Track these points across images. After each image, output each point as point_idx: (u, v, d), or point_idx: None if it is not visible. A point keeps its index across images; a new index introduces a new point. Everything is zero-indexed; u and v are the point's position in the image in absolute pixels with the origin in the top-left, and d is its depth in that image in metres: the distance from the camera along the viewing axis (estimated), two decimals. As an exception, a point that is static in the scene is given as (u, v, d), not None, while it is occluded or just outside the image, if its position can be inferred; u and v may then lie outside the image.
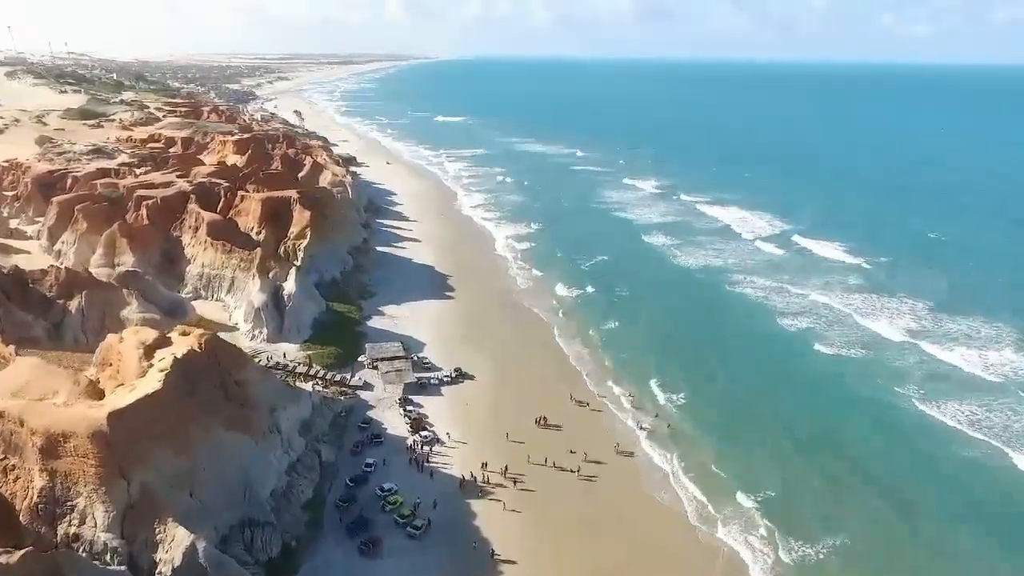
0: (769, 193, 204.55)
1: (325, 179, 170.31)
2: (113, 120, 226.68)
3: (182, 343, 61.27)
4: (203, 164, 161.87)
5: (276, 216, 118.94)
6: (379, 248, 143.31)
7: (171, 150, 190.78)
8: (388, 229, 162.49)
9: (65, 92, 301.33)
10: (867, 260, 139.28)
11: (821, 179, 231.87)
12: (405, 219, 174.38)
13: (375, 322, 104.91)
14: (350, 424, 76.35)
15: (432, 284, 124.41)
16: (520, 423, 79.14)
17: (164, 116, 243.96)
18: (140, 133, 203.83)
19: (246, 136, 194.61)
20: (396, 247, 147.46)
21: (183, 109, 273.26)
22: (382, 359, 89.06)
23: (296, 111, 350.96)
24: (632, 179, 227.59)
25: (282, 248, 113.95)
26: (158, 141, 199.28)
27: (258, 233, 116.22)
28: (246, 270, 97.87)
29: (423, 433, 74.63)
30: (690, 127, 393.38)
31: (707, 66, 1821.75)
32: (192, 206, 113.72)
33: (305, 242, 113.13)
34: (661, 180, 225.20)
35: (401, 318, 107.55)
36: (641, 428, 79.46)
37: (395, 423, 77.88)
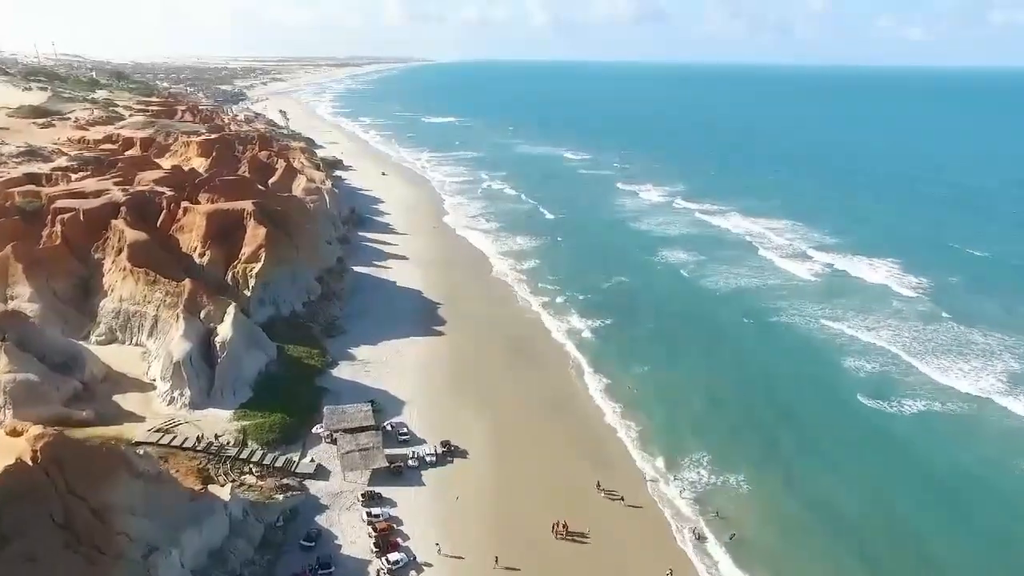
0: (783, 201, 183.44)
1: (299, 186, 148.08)
2: (69, 119, 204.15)
3: (3, 451, 38.96)
4: (157, 168, 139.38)
5: (225, 233, 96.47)
6: (357, 268, 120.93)
7: (128, 152, 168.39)
8: (371, 244, 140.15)
9: (30, 89, 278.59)
10: (910, 283, 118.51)
11: (834, 184, 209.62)
12: (391, 231, 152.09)
13: (342, 371, 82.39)
14: (289, 539, 53.85)
15: (419, 315, 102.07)
16: (531, 530, 56.90)
17: (131, 115, 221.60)
18: (96, 133, 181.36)
19: (212, 137, 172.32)
20: (378, 267, 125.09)
21: (155, 108, 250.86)
22: (343, 430, 66.63)
23: (281, 111, 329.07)
24: (638, 185, 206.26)
25: (230, 274, 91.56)
26: (115, 142, 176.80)
27: (202, 255, 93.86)
28: (172, 307, 75.39)
29: (392, 557, 52.14)
30: (694, 130, 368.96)
31: (704, 69, 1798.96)
32: (116, 221, 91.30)
33: (257, 266, 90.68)
34: (669, 186, 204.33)
35: (376, 364, 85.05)
36: (698, 537, 57.20)
37: (355, 534, 55.38)
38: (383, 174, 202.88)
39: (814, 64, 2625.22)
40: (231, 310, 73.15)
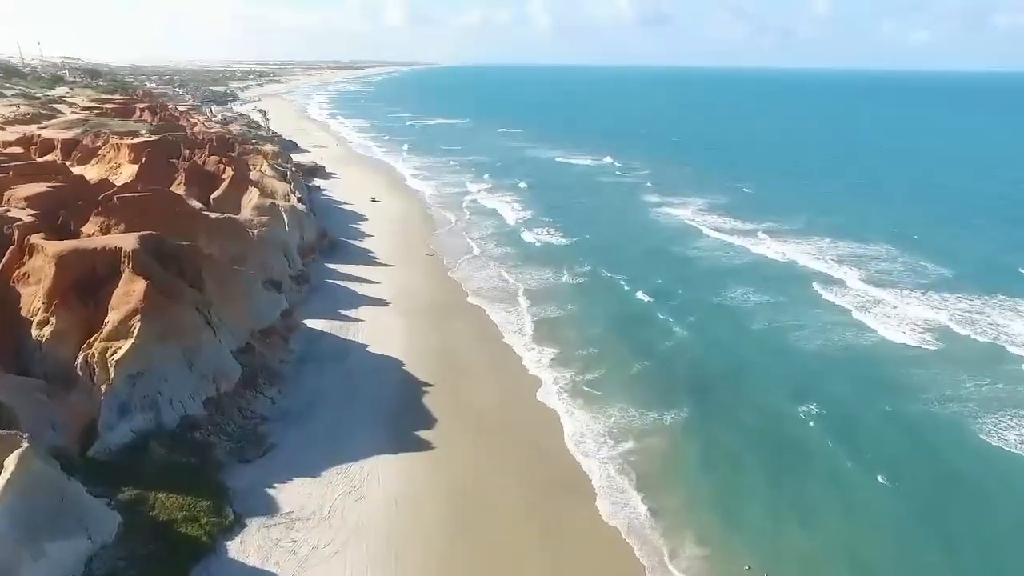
0: (840, 220, 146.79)
1: (250, 202, 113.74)
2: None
3: None
4: (55, 178, 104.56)
5: (90, 288, 61.76)
6: (313, 324, 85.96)
7: (46, 157, 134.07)
8: (340, 282, 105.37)
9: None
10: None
11: (888, 202, 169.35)
12: (371, 261, 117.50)
13: (248, 543, 47.24)
14: None
15: (394, 411, 66.86)
16: None
17: (72, 113, 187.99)
18: (10, 134, 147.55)
19: (151, 139, 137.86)
20: (345, 319, 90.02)
21: (110, 106, 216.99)
22: None
23: (261, 110, 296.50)
24: (671, 198, 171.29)
25: (82, 355, 56.77)
26: (33, 144, 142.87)
27: (43, 324, 59.14)
28: (-83, 449, 40.51)
29: None
30: (710, 137, 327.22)
31: (708, 73, 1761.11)
32: None
33: (125, 346, 55.86)
34: (706, 198, 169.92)
35: (312, 524, 50.01)
36: None
37: None
38: (373, 200, 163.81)
39: (819, 67, 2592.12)
40: (14, 459, 38.31)
